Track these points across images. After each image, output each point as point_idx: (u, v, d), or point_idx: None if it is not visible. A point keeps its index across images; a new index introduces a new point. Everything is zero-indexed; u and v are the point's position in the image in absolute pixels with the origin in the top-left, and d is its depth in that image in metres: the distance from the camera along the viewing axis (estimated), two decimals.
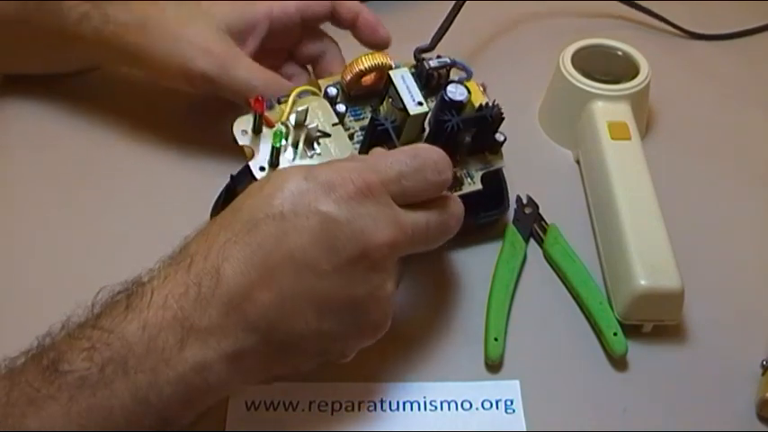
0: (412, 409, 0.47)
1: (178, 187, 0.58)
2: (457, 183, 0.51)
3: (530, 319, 0.51)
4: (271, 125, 0.49)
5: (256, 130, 0.49)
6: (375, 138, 0.49)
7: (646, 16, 0.71)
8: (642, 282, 0.49)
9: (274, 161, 0.48)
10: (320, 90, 0.52)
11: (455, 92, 0.49)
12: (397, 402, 0.47)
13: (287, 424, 0.43)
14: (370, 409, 0.47)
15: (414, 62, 0.54)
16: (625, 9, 0.72)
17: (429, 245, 0.44)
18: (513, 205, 0.56)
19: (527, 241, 0.55)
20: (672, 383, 0.49)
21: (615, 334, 0.49)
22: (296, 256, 0.39)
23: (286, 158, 0.49)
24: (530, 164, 0.51)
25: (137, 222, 0.56)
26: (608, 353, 0.50)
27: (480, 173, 0.52)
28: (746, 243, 0.57)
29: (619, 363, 0.50)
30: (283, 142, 0.48)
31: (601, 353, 0.50)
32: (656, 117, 0.65)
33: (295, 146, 0.49)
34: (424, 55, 0.56)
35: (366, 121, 0.51)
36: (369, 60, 0.51)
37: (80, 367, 0.37)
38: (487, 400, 0.47)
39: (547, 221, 0.56)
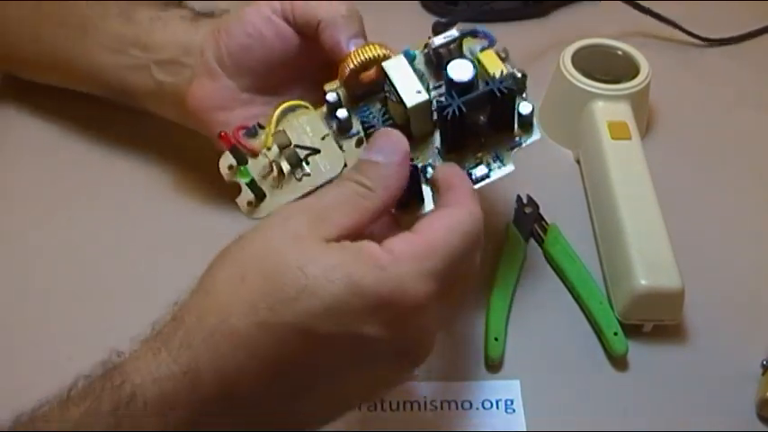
0: (412, 408, 0.47)
1: (185, 194, 0.58)
2: (484, 172, 0.46)
3: (530, 319, 0.51)
4: (255, 153, 0.45)
5: (241, 162, 0.44)
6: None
7: (647, 17, 0.71)
8: (642, 281, 0.49)
9: (258, 193, 0.44)
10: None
11: (457, 69, 0.43)
12: (398, 402, 0.47)
13: None
14: (371, 408, 0.47)
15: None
16: (625, 10, 0.72)
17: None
18: (513, 205, 0.56)
19: (527, 241, 0.55)
20: (672, 383, 0.49)
21: (615, 334, 0.49)
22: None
23: (269, 185, 0.44)
24: (530, 164, 0.50)
25: (138, 231, 0.56)
26: (608, 353, 0.50)
27: (511, 152, 0.46)
28: (746, 243, 0.57)
29: (619, 363, 0.50)
30: (254, 176, 0.44)
31: (601, 353, 0.50)
32: (656, 117, 0.65)
33: (280, 172, 0.44)
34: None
35: (377, 120, 0.46)
36: (360, 55, 0.46)
37: None
38: (487, 400, 0.47)
39: (547, 221, 0.56)
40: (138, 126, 0.61)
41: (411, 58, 0.46)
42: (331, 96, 0.46)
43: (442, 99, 0.44)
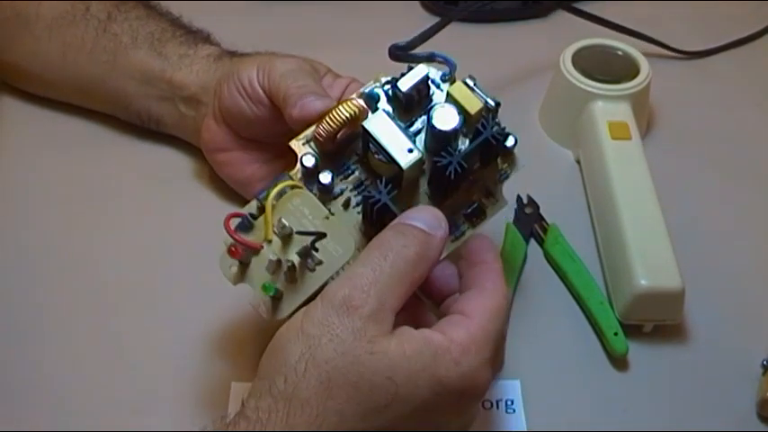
0: None
1: (190, 191, 0.58)
2: (479, 212, 0.45)
3: (530, 319, 0.51)
4: (256, 249, 0.41)
5: (245, 263, 0.42)
6: (376, 216, 0.42)
7: (647, 18, 0.71)
8: (643, 281, 0.49)
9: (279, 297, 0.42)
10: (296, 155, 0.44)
11: (443, 119, 0.42)
12: None
13: None
14: None
15: (385, 75, 0.46)
16: (624, 11, 0.72)
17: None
18: (513, 205, 0.56)
19: (527, 241, 0.55)
20: (672, 383, 0.49)
21: (616, 334, 0.49)
22: None
23: (283, 282, 0.42)
24: (530, 164, 0.51)
25: (147, 230, 0.56)
26: (608, 353, 0.50)
27: (500, 185, 0.46)
28: (747, 243, 0.57)
29: (619, 363, 0.50)
30: (277, 286, 0.41)
31: (601, 353, 0.50)
32: (656, 117, 0.65)
33: (292, 267, 0.41)
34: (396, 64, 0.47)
35: (357, 173, 0.45)
36: (339, 116, 0.43)
37: None
38: (487, 400, 0.47)
39: (547, 221, 0.56)
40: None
41: (375, 100, 0.45)
42: (308, 161, 0.44)
43: (442, 158, 0.42)
